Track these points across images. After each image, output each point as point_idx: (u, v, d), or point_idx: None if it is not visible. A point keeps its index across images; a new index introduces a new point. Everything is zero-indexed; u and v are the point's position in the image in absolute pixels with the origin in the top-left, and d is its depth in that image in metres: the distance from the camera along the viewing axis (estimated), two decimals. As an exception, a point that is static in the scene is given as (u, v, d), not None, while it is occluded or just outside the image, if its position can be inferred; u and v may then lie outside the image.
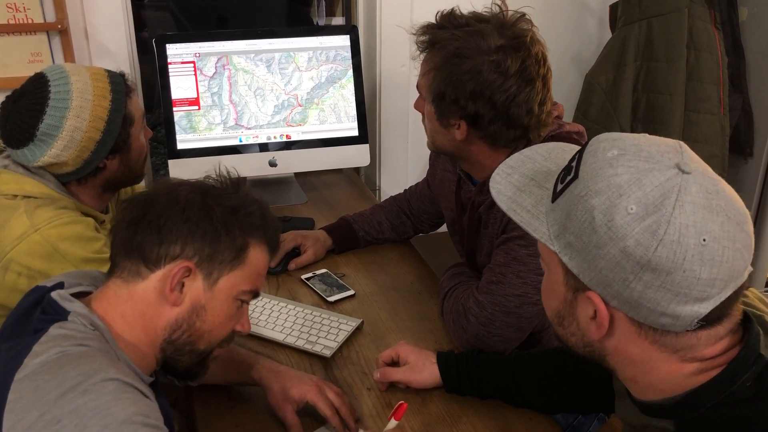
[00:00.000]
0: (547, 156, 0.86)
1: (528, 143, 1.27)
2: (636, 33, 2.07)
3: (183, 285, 0.90)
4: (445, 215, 1.55)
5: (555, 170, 0.82)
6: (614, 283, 0.72)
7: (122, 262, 0.92)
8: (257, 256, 0.95)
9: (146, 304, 0.90)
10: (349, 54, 1.96)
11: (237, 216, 0.92)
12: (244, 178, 1.00)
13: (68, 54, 1.92)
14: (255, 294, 0.98)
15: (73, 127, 1.27)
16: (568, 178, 0.76)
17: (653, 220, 0.68)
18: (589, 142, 0.78)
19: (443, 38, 1.23)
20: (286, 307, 1.43)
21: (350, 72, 1.96)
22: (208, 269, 0.91)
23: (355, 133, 1.98)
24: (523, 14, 1.26)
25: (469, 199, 1.37)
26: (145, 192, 0.96)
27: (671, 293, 0.70)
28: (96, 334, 0.86)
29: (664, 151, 0.72)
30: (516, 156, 0.87)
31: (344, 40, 1.96)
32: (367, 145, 2.00)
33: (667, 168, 0.70)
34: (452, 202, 1.46)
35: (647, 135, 0.77)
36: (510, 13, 1.27)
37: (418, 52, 1.29)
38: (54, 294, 0.89)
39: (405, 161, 2.40)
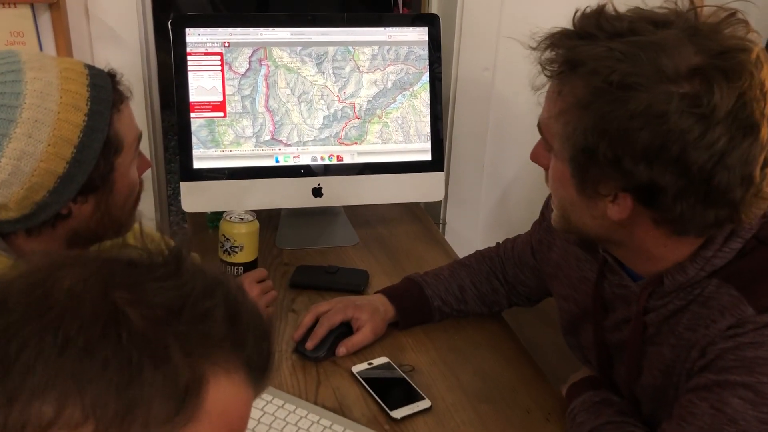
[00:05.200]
0: None
1: (734, 228, 0.79)
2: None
3: None
4: (561, 305, 1.06)
5: None
6: None
7: None
8: (226, 396, 0.49)
9: None
10: (426, 52, 1.48)
11: (177, 323, 0.47)
12: (187, 245, 0.52)
13: (60, 35, 1.47)
14: None
15: (18, 151, 0.81)
16: None
17: None
18: None
19: (593, 55, 0.74)
20: (330, 428, 0.96)
21: (426, 76, 1.48)
22: None
23: (427, 157, 1.50)
24: (734, 12, 0.76)
25: (624, 298, 0.89)
26: None
27: None
28: None
29: None
30: None
31: (421, 34, 1.48)
32: (442, 174, 1.51)
33: None
34: (582, 293, 0.97)
35: None
36: (707, 9, 0.77)
37: (547, 76, 0.81)
38: None
39: (478, 192, 1.91)
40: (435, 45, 1.48)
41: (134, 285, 0.48)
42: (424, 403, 1.03)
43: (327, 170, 1.46)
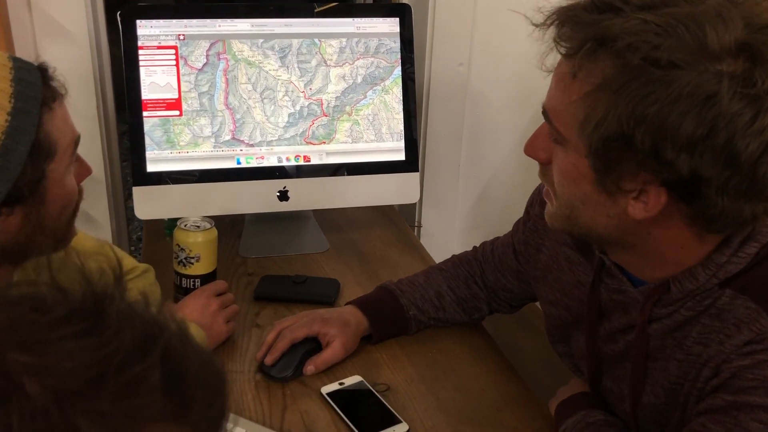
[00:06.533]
0: None
1: (751, 231, 0.72)
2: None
3: None
4: (549, 311, 0.97)
5: None
6: None
7: None
8: None
9: None
10: (397, 44, 1.38)
11: (96, 397, 0.36)
12: (120, 274, 0.42)
13: (-2, 29, 1.35)
14: None
15: None
16: None
17: None
18: None
19: (626, 29, 0.64)
20: (297, 460, 0.86)
21: (398, 70, 1.39)
22: None
23: (400, 156, 1.41)
24: None
25: (622, 305, 0.80)
26: None
27: None
28: None
29: None
30: None
31: (392, 25, 1.38)
32: (417, 175, 1.42)
33: None
34: (574, 298, 0.89)
35: None
36: None
37: (563, 54, 0.71)
38: None
39: (455, 192, 1.83)
40: (407, 37, 1.39)
41: (37, 344, 0.37)
42: (401, 427, 0.94)
43: (293, 172, 1.36)
